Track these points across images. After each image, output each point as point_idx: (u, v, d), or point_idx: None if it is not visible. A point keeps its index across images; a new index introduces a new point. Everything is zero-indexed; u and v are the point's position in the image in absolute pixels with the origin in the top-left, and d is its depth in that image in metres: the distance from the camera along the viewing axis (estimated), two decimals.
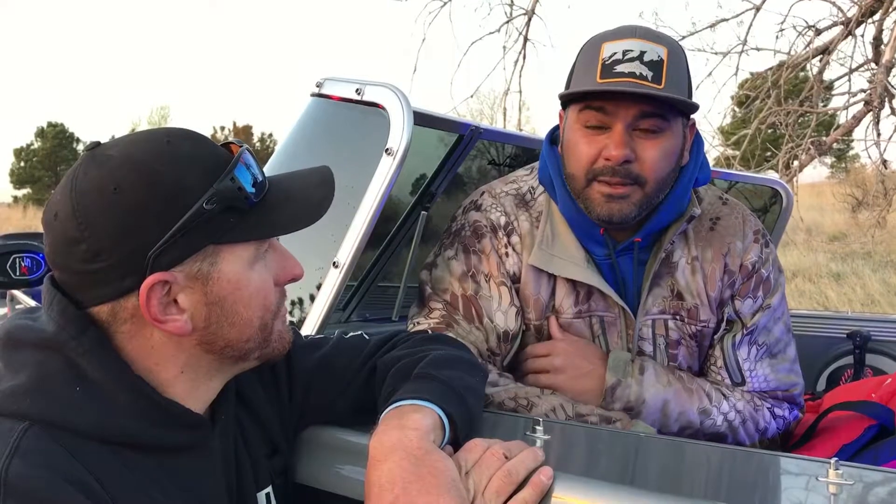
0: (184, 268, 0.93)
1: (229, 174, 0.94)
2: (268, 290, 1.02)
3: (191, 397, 1.00)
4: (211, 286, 0.95)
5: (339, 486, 1.17)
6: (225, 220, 0.94)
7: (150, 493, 0.92)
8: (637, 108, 1.36)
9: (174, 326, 0.94)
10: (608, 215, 1.41)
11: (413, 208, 1.93)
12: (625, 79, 1.34)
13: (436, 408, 1.03)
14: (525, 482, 0.96)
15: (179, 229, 0.90)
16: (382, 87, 1.46)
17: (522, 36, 6.87)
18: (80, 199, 0.90)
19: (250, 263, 0.98)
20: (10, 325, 0.96)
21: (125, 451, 0.92)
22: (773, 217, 2.80)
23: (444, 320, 1.48)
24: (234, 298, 0.97)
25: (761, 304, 1.56)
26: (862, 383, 1.89)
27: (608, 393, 1.44)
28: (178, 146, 0.95)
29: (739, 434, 1.50)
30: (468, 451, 1.01)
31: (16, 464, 0.81)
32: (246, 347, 1.01)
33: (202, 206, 0.91)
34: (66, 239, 0.91)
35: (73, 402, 0.90)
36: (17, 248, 1.75)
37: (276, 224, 1.00)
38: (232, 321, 0.98)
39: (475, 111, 21.31)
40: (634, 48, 1.36)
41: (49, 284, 0.97)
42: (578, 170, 1.42)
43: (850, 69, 6.27)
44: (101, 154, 0.93)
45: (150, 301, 0.91)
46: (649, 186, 1.40)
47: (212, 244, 0.94)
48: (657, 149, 1.38)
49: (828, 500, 0.87)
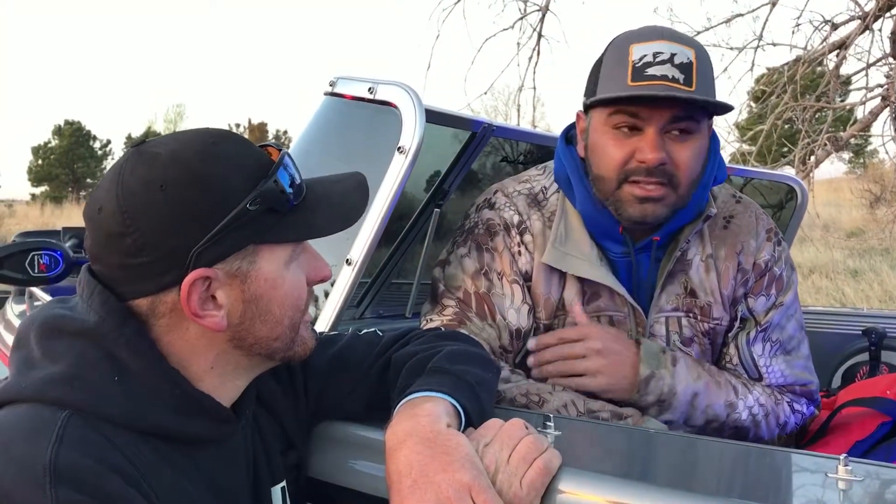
0: (224, 265, 0.95)
1: (272, 176, 0.96)
2: (301, 290, 1.04)
3: (218, 393, 1.02)
4: (249, 284, 0.98)
5: (352, 481, 1.18)
6: (266, 220, 0.96)
7: (180, 482, 0.94)
8: (670, 111, 1.36)
9: (211, 322, 0.96)
10: (641, 216, 1.41)
11: (426, 205, 1.94)
12: (657, 82, 1.33)
13: (449, 398, 1.05)
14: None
15: (223, 228, 0.92)
16: (394, 85, 1.47)
17: (536, 32, 6.84)
18: (126, 195, 0.92)
19: (286, 263, 1.01)
20: (47, 313, 0.98)
21: (157, 441, 0.94)
22: (788, 213, 2.78)
23: (457, 317, 1.49)
24: (269, 297, 1.00)
25: (774, 302, 1.56)
26: (877, 380, 1.88)
27: (642, 385, 1.42)
28: (222, 147, 0.97)
29: (762, 428, 1.50)
30: (486, 428, 1.03)
31: (63, 452, 0.83)
32: (274, 346, 1.03)
33: (246, 206, 0.93)
34: (109, 233, 0.93)
35: (112, 392, 0.91)
36: (35, 245, 1.76)
37: (314, 226, 1.02)
38: (265, 319, 1.00)
39: (489, 108, 21.31)
40: (664, 50, 1.35)
41: (88, 275, 0.98)
42: (609, 172, 1.41)
43: (867, 64, 6.20)
44: (148, 151, 0.95)
45: (191, 296, 0.93)
46: (682, 188, 1.40)
47: (252, 244, 0.96)
48: (690, 150, 1.39)
49: (838, 497, 0.87)
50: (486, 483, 0.93)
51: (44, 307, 1.02)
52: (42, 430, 0.85)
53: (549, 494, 0.97)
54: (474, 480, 0.92)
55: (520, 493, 0.95)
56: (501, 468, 0.97)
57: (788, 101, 6.52)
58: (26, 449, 0.83)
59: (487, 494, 0.92)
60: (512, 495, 0.95)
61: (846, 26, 6.25)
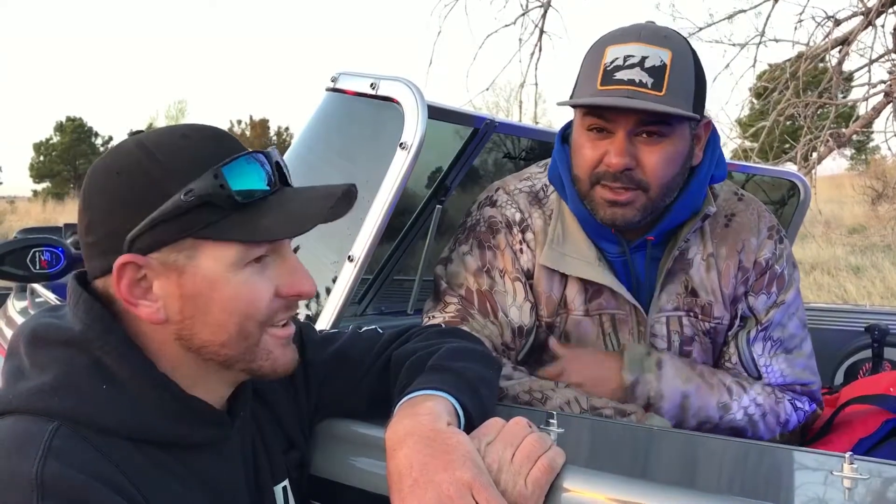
0: (160, 255, 0.94)
1: (214, 171, 0.93)
2: (255, 299, 0.97)
3: (208, 395, 1.01)
4: (185, 279, 0.95)
5: (354, 479, 1.18)
6: (204, 215, 0.93)
7: (174, 488, 0.93)
8: (636, 115, 1.35)
9: (146, 311, 0.95)
10: (611, 219, 1.41)
11: (428, 202, 1.93)
12: (624, 86, 1.34)
13: (449, 397, 1.04)
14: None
15: (158, 217, 0.92)
16: (397, 81, 1.46)
17: (538, 28, 6.84)
18: (92, 178, 0.98)
19: (233, 266, 0.95)
20: (35, 323, 0.98)
21: (149, 448, 0.93)
22: (790, 210, 2.77)
23: (459, 314, 1.48)
24: (208, 297, 0.95)
25: (775, 300, 1.56)
26: (880, 377, 1.88)
27: (628, 392, 1.44)
28: (188, 139, 0.97)
29: (759, 428, 1.49)
30: (487, 426, 1.02)
31: (50, 465, 0.82)
32: (224, 353, 0.98)
33: (179, 197, 0.92)
34: (79, 210, 0.98)
35: (101, 401, 0.91)
36: (36, 242, 1.76)
37: (258, 228, 0.95)
38: (205, 320, 0.96)
39: (491, 104, 21.30)
40: (636, 53, 1.35)
41: (75, 283, 0.98)
42: (583, 173, 1.43)
43: (869, 60, 6.19)
44: (127, 140, 0.99)
45: (122, 280, 0.93)
46: (653, 192, 1.40)
47: (190, 237, 0.94)
48: (659, 154, 1.37)
49: (843, 495, 0.87)
50: (488, 481, 0.93)
51: (34, 316, 1.01)
52: (29, 443, 0.84)
53: (553, 492, 0.97)
54: (475, 479, 0.92)
55: (524, 492, 0.94)
56: (505, 467, 0.96)
57: (790, 98, 6.52)
58: (14, 463, 0.82)
59: (489, 492, 0.91)
60: (517, 494, 0.94)
61: (849, 22, 6.24)
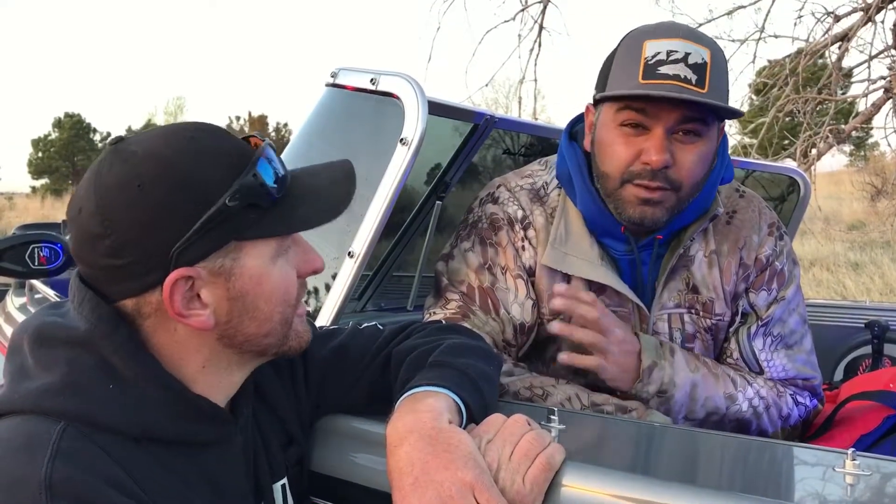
0: (207, 263, 0.93)
1: (251, 170, 0.93)
2: (289, 285, 1.01)
3: (213, 392, 1.01)
4: (234, 281, 0.95)
5: (354, 475, 1.18)
6: (247, 216, 0.93)
7: (178, 487, 0.93)
8: (679, 112, 1.33)
9: (197, 321, 0.94)
10: (640, 218, 1.39)
11: (428, 198, 1.93)
12: (669, 81, 1.31)
13: (450, 393, 1.04)
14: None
15: (203, 225, 0.90)
16: (397, 76, 1.46)
17: (538, 24, 6.83)
18: (103, 195, 0.90)
19: (272, 258, 0.98)
20: (39, 321, 0.96)
21: (154, 447, 0.92)
22: (790, 206, 2.77)
23: (460, 311, 1.48)
24: (255, 293, 0.97)
25: (776, 297, 1.56)
26: (880, 373, 1.87)
27: (645, 374, 1.41)
28: (200, 141, 0.95)
29: (763, 420, 1.49)
30: (488, 424, 1.02)
31: (59, 467, 0.81)
32: (265, 343, 1.01)
33: (225, 202, 0.90)
34: (89, 234, 0.91)
35: (107, 400, 0.90)
36: (35, 238, 1.76)
37: (299, 220, 0.99)
38: (253, 315, 0.98)
39: (490, 100, 21.28)
40: (679, 49, 1.32)
41: (78, 281, 0.97)
42: (614, 170, 1.40)
43: (869, 56, 6.19)
44: (125, 149, 0.93)
45: (174, 296, 0.91)
46: (684, 191, 1.39)
47: (234, 240, 0.94)
48: (695, 153, 1.36)
49: (844, 491, 0.87)
50: (489, 481, 0.92)
51: (37, 313, 1.00)
52: (37, 444, 0.83)
53: (553, 489, 0.96)
54: (477, 479, 0.91)
55: (522, 490, 0.94)
56: (503, 465, 0.96)
57: (790, 94, 6.51)
58: (21, 464, 0.82)
59: (490, 493, 0.91)
60: (514, 492, 0.94)
61: (849, 18, 6.24)
